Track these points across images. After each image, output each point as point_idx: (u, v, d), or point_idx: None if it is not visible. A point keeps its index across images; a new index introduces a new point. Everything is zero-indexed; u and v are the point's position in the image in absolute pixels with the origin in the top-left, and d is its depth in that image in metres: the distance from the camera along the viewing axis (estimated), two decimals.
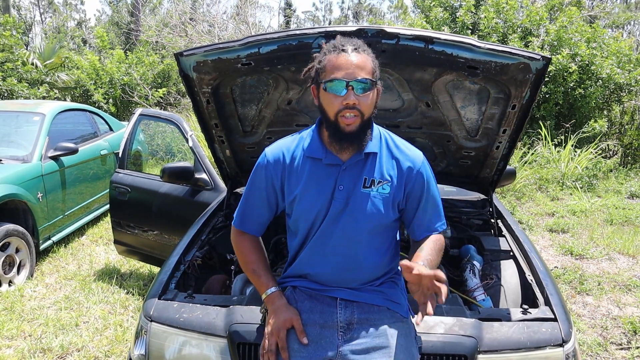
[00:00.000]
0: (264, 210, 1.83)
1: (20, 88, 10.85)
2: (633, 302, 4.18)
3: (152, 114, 4.43)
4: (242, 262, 1.86)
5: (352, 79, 1.56)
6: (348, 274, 1.74)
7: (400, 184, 1.72)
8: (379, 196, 1.70)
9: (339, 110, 1.58)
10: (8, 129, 5.24)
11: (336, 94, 1.57)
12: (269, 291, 1.77)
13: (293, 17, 30.00)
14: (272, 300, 1.75)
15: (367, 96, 1.59)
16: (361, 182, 1.70)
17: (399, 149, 1.75)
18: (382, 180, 1.70)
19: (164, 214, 3.92)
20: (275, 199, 1.81)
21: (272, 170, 1.77)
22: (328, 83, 1.58)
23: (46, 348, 3.35)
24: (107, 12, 34.47)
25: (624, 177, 8.77)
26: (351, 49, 1.59)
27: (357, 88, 1.56)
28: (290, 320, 1.69)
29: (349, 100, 1.56)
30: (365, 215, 1.69)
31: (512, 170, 3.27)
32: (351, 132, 1.60)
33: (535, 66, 2.08)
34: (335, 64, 1.58)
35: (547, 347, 1.80)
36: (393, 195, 1.71)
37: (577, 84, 9.39)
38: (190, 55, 2.23)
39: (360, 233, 1.71)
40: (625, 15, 23.06)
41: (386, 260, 1.80)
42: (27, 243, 4.48)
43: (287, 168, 1.75)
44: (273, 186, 1.78)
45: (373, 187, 1.70)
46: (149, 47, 15.13)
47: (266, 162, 1.77)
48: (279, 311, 1.72)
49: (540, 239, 5.83)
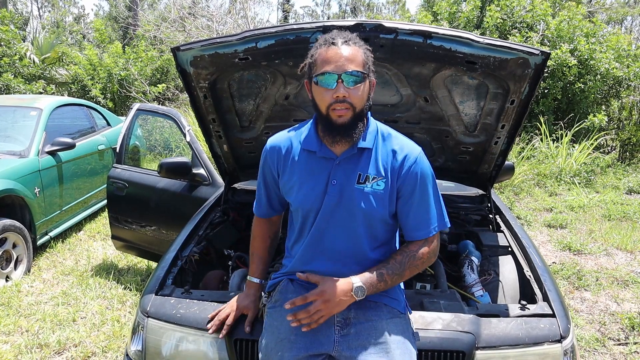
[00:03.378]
0: (271, 195, 1.91)
1: (16, 83, 10.79)
2: (631, 297, 4.19)
3: (150, 109, 4.42)
4: (250, 243, 2.02)
5: (342, 72, 1.55)
6: (344, 269, 1.73)
7: (393, 180, 1.70)
8: (373, 192, 1.69)
9: (330, 103, 1.58)
10: (5, 124, 5.22)
11: (327, 87, 1.57)
12: (252, 279, 1.96)
13: (291, 12, 29.93)
14: (249, 286, 1.95)
15: (358, 89, 1.58)
16: (355, 177, 1.69)
17: (395, 144, 1.72)
18: (377, 176, 1.69)
19: (161, 210, 3.91)
20: (276, 186, 1.87)
21: (269, 160, 1.82)
22: (319, 76, 1.58)
23: (43, 343, 3.34)
24: (104, 7, 34.38)
25: (622, 173, 8.78)
26: (341, 42, 1.58)
27: (347, 81, 1.56)
28: (248, 308, 1.87)
29: (339, 93, 1.55)
30: (360, 211, 1.69)
31: (510, 166, 3.26)
32: (343, 124, 1.59)
33: (534, 61, 2.07)
34: (325, 58, 1.58)
35: (545, 343, 1.79)
36: (388, 192, 1.70)
37: (576, 79, 9.39)
38: (187, 50, 2.21)
39: (355, 228, 1.71)
40: (623, 11, 23.00)
41: (384, 256, 1.79)
42: (24, 238, 4.47)
43: (282, 158, 1.78)
44: (272, 175, 1.84)
45: (367, 183, 1.69)
46: (147, 41, 15.06)
47: (266, 152, 1.83)
48: (247, 298, 1.90)
49: (538, 235, 5.84)
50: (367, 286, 1.64)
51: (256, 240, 2.00)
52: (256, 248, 2.00)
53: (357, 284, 1.63)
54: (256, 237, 2.00)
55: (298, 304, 1.63)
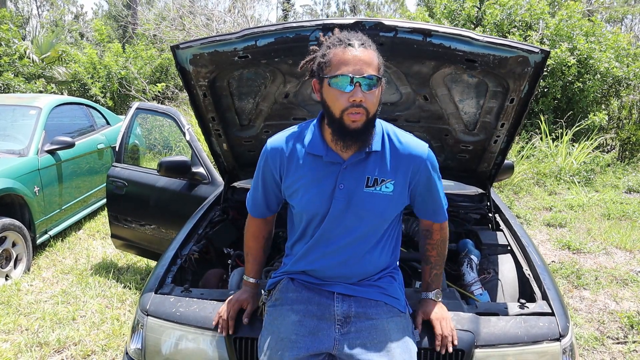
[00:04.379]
0: (269, 196, 1.86)
1: (17, 82, 10.79)
2: (630, 296, 4.19)
3: (149, 108, 4.41)
4: (244, 243, 1.99)
5: (360, 75, 1.50)
6: (348, 270, 1.73)
7: (404, 179, 1.70)
8: (382, 195, 1.68)
9: (345, 107, 1.52)
10: (4, 123, 5.22)
11: (342, 90, 1.52)
12: (248, 278, 1.96)
13: (291, 11, 29.88)
14: (246, 284, 1.95)
15: (373, 93, 1.54)
16: (364, 181, 1.67)
17: (402, 143, 1.71)
18: (386, 178, 1.68)
19: (161, 208, 3.91)
20: (276, 188, 1.82)
21: (270, 162, 1.76)
22: (333, 79, 1.52)
23: (43, 342, 3.34)
24: (103, 6, 34.32)
25: (622, 172, 8.78)
26: (358, 44, 1.54)
27: (363, 85, 1.51)
28: (247, 302, 1.88)
29: (356, 97, 1.50)
30: (370, 215, 1.68)
31: (510, 165, 3.26)
32: (356, 129, 1.55)
33: (534, 59, 2.06)
34: (342, 59, 1.52)
35: (544, 341, 1.79)
36: (398, 193, 1.69)
37: (575, 78, 9.38)
38: (186, 48, 2.21)
39: (362, 230, 1.70)
40: (623, 10, 22.98)
41: (387, 255, 1.79)
42: (24, 237, 4.46)
43: (286, 160, 1.73)
44: (272, 176, 1.78)
45: (376, 186, 1.67)
46: (146, 40, 15.05)
47: (267, 153, 1.77)
48: (244, 293, 1.91)
49: (537, 234, 5.84)
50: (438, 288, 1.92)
51: (251, 241, 1.97)
52: (251, 248, 1.97)
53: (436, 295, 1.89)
54: (251, 238, 1.97)
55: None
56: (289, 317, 1.70)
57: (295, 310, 1.71)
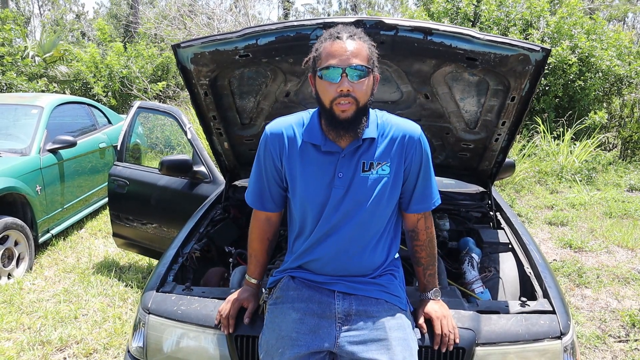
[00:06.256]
0: (270, 185, 1.83)
1: (19, 82, 10.81)
2: (632, 295, 4.19)
3: (151, 107, 4.42)
4: (248, 243, 1.97)
5: (347, 66, 1.55)
6: (347, 261, 1.74)
7: (400, 158, 1.72)
8: (379, 177, 1.70)
9: (334, 97, 1.58)
10: (6, 122, 5.23)
11: (331, 81, 1.57)
12: (250, 279, 1.94)
13: (292, 10, 29.87)
14: (247, 284, 1.94)
15: (362, 83, 1.58)
16: (360, 166, 1.70)
17: (396, 125, 1.75)
18: (381, 161, 1.70)
19: (162, 207, 3.92)
20: (276, 175, 1.81)
21: (270, 146, 1.77)
22: (323, 70, 1.58)
23: (45, 340, 3.35)
24: (105, 4, 34.34)
25: (624, 170, 8.76)
26: (346, 36, 1.59)
27: (351, 75, 1.56)
28: (248, 301, 1.87)
29: (343, 87, 1.55)
30: (368, 198, 1.69)
31: (511, 163, 3.25)
32: (346, 118, 1.60)
33: (535, 57, 2.06)
34: (330, 51, 1.58)
35: (545, 339, 1.79)
36: (394, 173, 1.72)
37: (576, 76, 9.37)
38: (187, 47, 2.21)
39: (362, 216, 1.71)
40: (625, 8, 22.94)
41: (387, 248, 1.80)
42: (26, 236, 4.47)
43: (287, 146, 1.75)
44: (273, 162, 1.78)
45: (372, 170, 1.70)
46: (148, 39, 15.06)
47: (266, 138, 1.78)
48: (245, 292, 1.91)
49: (539, 232, 5.84)
50: (435, 287, 1.90)
51: (256, 242, 1.93)
52: (254, 249, 1.93)
53: (434, 294, 1.88)
54: (255, 239, 1.93)
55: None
56: (289, 315, 1.71)
57: (296, 309, 1.72)
